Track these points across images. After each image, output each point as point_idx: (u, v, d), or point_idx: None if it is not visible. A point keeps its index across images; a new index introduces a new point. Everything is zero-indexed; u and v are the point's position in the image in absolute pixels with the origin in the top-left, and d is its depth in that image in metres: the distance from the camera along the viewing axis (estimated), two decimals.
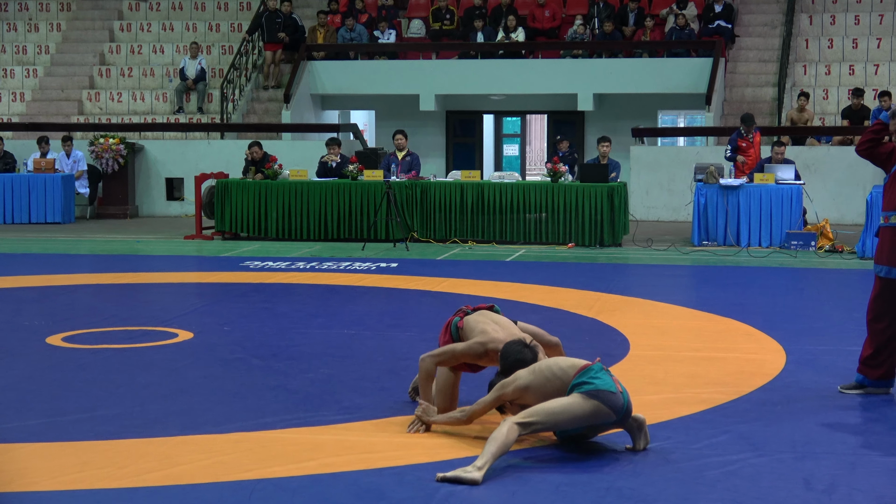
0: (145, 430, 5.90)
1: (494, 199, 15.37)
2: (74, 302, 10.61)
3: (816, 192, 16.76)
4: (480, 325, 6.08)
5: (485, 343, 5.94)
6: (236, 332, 8.78)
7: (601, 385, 5.45)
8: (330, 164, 16.50)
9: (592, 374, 5.51)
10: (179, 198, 20.30)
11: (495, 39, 21.58)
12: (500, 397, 5.70)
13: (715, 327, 9.09)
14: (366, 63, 21.90)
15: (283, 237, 15.95)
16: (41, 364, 7.69)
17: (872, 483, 5.10)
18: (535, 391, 5.60)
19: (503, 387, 5.69)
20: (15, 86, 22.98)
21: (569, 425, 5.46)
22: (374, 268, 12.85)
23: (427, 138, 22.74)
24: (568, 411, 5.41)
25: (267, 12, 22.02)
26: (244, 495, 4.90)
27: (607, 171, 15.30)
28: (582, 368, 5.56)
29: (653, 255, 14.21)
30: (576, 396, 5.44)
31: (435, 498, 4.86)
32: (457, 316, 6.24)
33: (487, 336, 5.96)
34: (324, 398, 6.64)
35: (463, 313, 6.23)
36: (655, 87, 20.78)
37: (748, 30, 22.06)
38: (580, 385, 5.48)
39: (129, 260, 14.03)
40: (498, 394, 5.70)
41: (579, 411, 5.41)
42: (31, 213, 18.73)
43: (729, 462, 5.36)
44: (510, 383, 5.67)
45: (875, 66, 20.62)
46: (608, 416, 5.45)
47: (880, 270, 6.69)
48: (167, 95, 22.18)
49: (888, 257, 6.64)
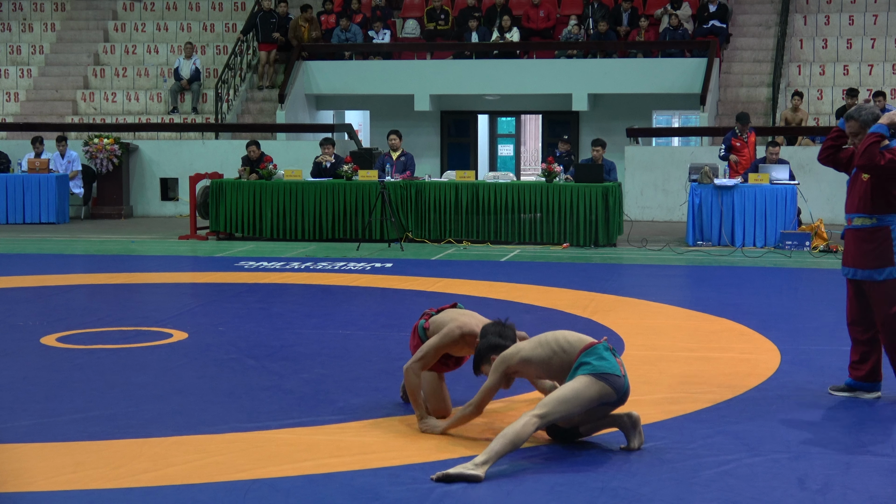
0: (140, 431, 5.90)
1: (489, 200, 15.38)
2: (69, 302, 10.59)
3: (811, 193, 16.78)
4: (448, 317, 6.07)
5: (460, 327, 5.90)
6: (231, 333, 8.78)
7: (608, 368, 5.45)
8: (324, 165, 16.50)
9: (598, 355, 5.50)
10: (174, 198, 20.28)
11: (490, 40, 21.59)
12: (504, 372, 5.62)
13: (709, 327, 9.10)
14: (360, 63, 21.89)
15: (277, 237, 15.94)
16: (35, 364, 7.68)
17: (866, 483, 5.11)
18: (539, 364, 5.56)
19: (505, 360, 5.61)
20: (9, 86, 22.94)
21: (580, 410, 5.44)
22: (368, 268, 12.85)
23: (422, 138, 22.74)
24: (580, 396, 5.39)
25: (261, 12, 22.02)
26: (239, 496, 4.90)
27: (602, 172, 15.30)
28: (588, 347, 5.53)
29: (647, 256, 14.22)
30: (583, 379, 5.41)
31: (430, 498, 4.86)
32: (422, 319, 6.23)
33: (458, 322, 5.95)
34: (318, 398, 6.64)
35: (427, 315, 6.21)
36: (650, 88, 20.80)
37: (742, 30, 22.09)
38: (586, 365, 5.45)
39: (123, 260, 14.01)
40: (502, 368, 5.61)
41: (589, 394, 5.40)
42: (25, 214, 18.70)
43: (724, 462, 5.37)
44: (513, 355, 5.61)
45: (869, 66, 20.65)
46: (610, 396, 5.46)
47: (847, 273, 6.76)
48: (161, 95, 22.16)
49: (853, 259, 6.69)
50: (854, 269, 6.70)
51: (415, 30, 22.66)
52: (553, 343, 5.60)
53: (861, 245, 6.66)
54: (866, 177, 6.59)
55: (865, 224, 6.63)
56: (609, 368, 5.46)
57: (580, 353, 5.52)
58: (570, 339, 5.63)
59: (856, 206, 6.68)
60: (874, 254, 6.59)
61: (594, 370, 5.43)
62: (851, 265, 6.71)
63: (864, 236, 6.64)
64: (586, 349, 5.53)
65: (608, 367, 5.46)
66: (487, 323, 5.86)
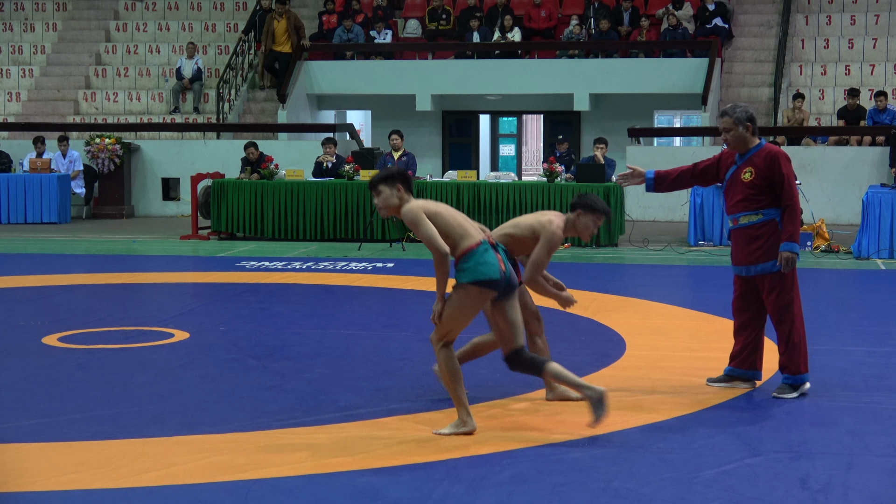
0: (141, 431, 5.90)
1: (491, 200, 15.38)
2: (70, 302, 10.59)
3: (812, 192, 16.78)
4: (515, 225, 6.51)
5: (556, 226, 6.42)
6: (232, 333, 8.78)
7: (484, 273, 5.74)
8: (326, 165, 16.50)
9: (477, 260, 5.76)
10: (175, 198, 20.29)
11: (491, 39, 21.59)
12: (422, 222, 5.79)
13: (711, 327, 9.09)
14: (362, 63, 21.89)
15: (279, 237, 15.94)
16: (37, 364, 7.68)
17: (868, 483, 5.11)
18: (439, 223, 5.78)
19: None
20: (11, 85, 22.96)
21: (469, 319, 5.85)
22: (370, 268, 12.85)
23: (423, 138, 22.74)
24: (464, 310, 5.80)
25: (263, 12, 22.01)
26: (240, 495, 4.90)
27: (604, 171, 15.30)
28: (467, 251, 5.78)
29: (649, 256, 14.22)
30: (461, 292, 5.77)
31: (431, 498, 4.86)
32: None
33: (544, 220, 6.47)
34: (320, 398, 6.64)
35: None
36: (651, 88, 20.80)
37: (744, 30, 22.08)
38: (463, 272, 5.76)
39: (125, 260, 14.02)
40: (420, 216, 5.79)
41: (471, 303, 5.80)
42: (27, 213, 18.71)
43: (725, 462, 5.37)
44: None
45: (871, 66, 20.64)
46: (493, 296, 5.82)
47: (740, 271, 6.86)
48: (163, 95, 22.16)
49: (746, 257, 6.77)
50: (748, 266, 6.79)
51: (416, 30, 22.66)
52: (451, 219, 5.84)
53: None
54: (748, 177, 6.72)
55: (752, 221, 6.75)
56: (485, 274, 5.73)
57: (460, 256, 5.80)
58: (468, 228, 5.87)
59: (738, 207, 6.77)
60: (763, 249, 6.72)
61: (471, 278, 5.74)
62: (745, 263, 6.81)
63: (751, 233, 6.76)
64: (466, 253, 5.78)
65: (484, 272, 5.73)
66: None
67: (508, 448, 5.56)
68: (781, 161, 6.67)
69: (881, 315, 9.69)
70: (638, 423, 6.05)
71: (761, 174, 6.66)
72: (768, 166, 6.66)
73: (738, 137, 6.76)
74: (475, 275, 5.73)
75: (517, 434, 5.84)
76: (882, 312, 9.85)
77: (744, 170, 6.74)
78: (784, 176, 6.63)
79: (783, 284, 6.69)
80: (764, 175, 6.66)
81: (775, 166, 6.65)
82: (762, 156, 6.71)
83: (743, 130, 6.75)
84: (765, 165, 6.67)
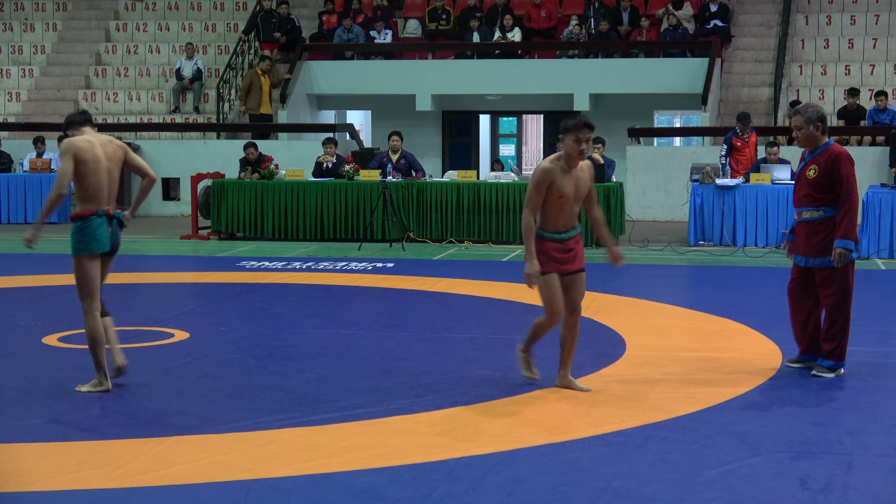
0: (141, 431, 5.90)
1: (490, 199, 15.38)
2: (70, 302, 10.51)
3: None
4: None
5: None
6: (232, 333, 8.78)
7: (94, 248, 6.64)
8: (326, 165, 16.50)
9: (90, 232, 6.57)
10: (175, 198, 20.29)
11: (491, 39, 21.59)
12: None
13: (711, 327, 9.09)
14: (362, 63, 21.90)
15: (279, 237, 15.94)
16: (37, 364, 7.68)
17: (868, 483, 5.11)
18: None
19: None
20: (11, 85, 22.95)
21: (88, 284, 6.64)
22: (370, 268, 12.85)
23: (423, 138, 22.74)
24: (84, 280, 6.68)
25: (263, 12, 22.02)
26: (240, 496, 4.90)
27: (603, 171, 15.29)
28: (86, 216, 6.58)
29: (649, 256, 14.22)
30: (75, 263, 6.71)
31: (431, 498, 4.86)
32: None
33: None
34: (320, 398, 6.64)
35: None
36: (651, 87, 20.79)
37: (744, 30, 22.08)
38: (76, 246, 6.66)
39: (125, 260, 13.98)
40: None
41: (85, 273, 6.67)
42: (27, 213, 18.72)
43: (725, 462, 5.37)
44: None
45: (871, 66, 20.64)
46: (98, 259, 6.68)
47: (799, 261, 7.37)
48: (163, 95, 22.16)
49: (806, 249, 7.28)
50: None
51: (416, 30, 22.66)
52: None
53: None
54: (812, 174, 7.11)
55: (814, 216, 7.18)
56: (95, 249, 6.66)
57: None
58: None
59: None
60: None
61: (76, 251, 6.66)
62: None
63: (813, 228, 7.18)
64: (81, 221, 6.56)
65: (95, 248, 6.67)
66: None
67: (508, 448, 5.56)
68: (843, 161, 7.05)
69: (881, 315, 9.68)
70: (638, 423, 6.05)
71: (823, 173, 7.07)
72: (830, 166, 7.05)
73: (808, 136, 7.17)
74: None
75: (517, 434, 5.84)
76: (882, 312, 9.85)
77: (809, 167, 7.16)
78: (843, 176, 7.02)
79: (839, 280, 7.11)
80: (825, 174, 7.06)
81: (836, 166, 7.04)
82: (826, 155, 7.11)
83: (813, 129, 7.15)
84: (827, 164, 7.07)
